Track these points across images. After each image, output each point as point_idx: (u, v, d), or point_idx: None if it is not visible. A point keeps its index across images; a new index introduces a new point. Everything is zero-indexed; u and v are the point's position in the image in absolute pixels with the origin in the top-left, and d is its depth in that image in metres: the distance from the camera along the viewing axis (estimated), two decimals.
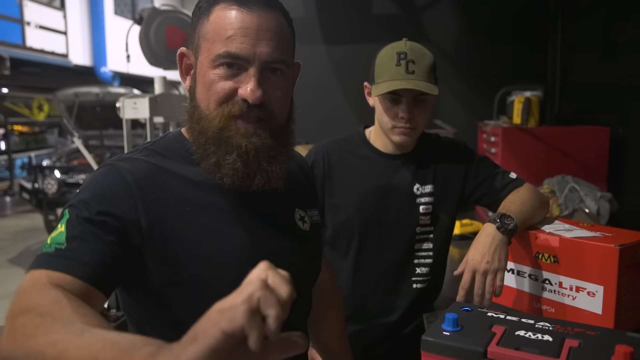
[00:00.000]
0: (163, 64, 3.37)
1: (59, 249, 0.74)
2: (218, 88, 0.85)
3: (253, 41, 0.83)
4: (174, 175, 0.88)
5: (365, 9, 3.72)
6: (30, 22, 8.84)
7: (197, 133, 0.88)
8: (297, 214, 1.00)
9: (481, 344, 0.79)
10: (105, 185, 0.83)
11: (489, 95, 3.34)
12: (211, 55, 0.85)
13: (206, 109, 0.87)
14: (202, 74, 0.87)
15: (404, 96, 1.34)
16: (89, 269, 0.74)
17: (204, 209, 0.87)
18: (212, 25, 0.85)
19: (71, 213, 0.79)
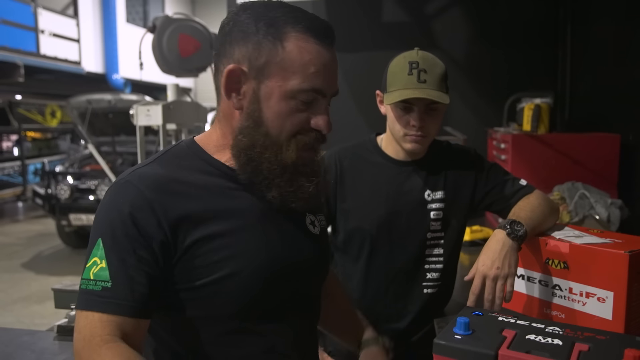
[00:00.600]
0: (175, 71, 3.42)
1: (106, 288, 0.81)
2: (295, 119, 0.89)
3: (331, 78, 0.90)
4: (189, 183, 0.90)
5: (375, 16, 3.75)
6: (44, 30, 8.97)
7: (267, 161, 0.89)
8: (308, 218, 1.04)
9: (492, 347, 0.81)
10: (123, 203, 0.85)
11: (498, 102, 3.35)
12: (290, 86, 0.87)
13: (277, 137, 0.89)
14: (275, 102, 0.88)
15: (416, 105, 1.36)
16: (138, 306, 0.82)
17: (223, 215, 0.90)
18: (290, 55, 0.86)
19: (105, 243, 0.84)
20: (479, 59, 3.61)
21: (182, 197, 0.88)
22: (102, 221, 0.86)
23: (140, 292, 0.82)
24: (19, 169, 9.12)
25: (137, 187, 0.86)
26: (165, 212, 0.85)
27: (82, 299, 0.83)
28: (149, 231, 0.84)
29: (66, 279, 4.73)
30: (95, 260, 0.83)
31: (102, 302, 0.81)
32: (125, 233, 0.83)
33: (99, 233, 0.85)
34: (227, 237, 0.89)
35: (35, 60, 8.68)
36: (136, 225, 0.84)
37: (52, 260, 6.30)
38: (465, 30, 3.67)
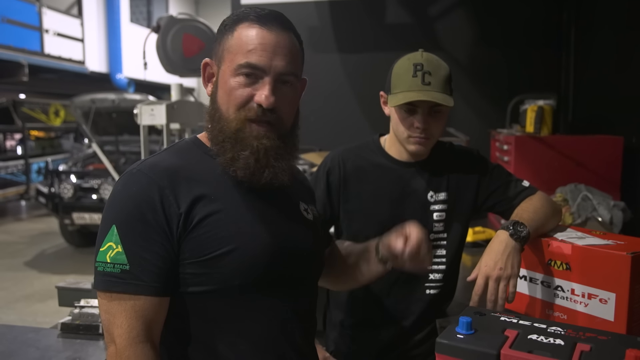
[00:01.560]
0: (179, 71, 3.43)
1: (125, 271, 0.89)
2: (237, 94, 0.97)
3: (270, 55, 0.96)
4: (193, 171, 0.99)
5: (379, 18, 3.75)
6: (48, 30, 9.00)
7: (217, 132, 1.00)
8: (302, 205, 1.13)
9: (494, 347, 0.81)
10: (136, 191, 0.93)
11: (501, 104, 3.35)
12: (233, 65, 0.97)
13: (226, 112, 0.99)
14: (224, 81, 0.99)
15: (420, 107, 1.37)
16: (156, 285, 0.90)
17: (223, 199, 0.98)
18: (235, 40, 0.98)
19: (120, 229, 0.91)
20: (482, 60, 3.62)
21: (190, 181, 0.96)
22: (116, 208, 0.93)
23: (156, 273, 0.90)
24: (23, 167, 9.14)
25: (148, 175, 0.94)
26: (175, 195, 0.93)
27: (102, 281, 0.90)
28: (161, 215, 0.91)
29: (69, 277, 4.75)
30: (110, 245, 0.90)
31: (123, 283, 0.89)
32: (139, 218, 0.91)
33: (112, 219, 0.92)
34: (232, 215, 0.96)
35: (40, 60, 8.71)
36: (150, 210, 0.91)
37: (55, 259, 6.32)
38: (469, 32, 3.68)
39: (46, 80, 10.40)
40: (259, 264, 0.96)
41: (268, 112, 0.97)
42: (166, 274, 0.92)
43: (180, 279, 0.94)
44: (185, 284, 0.95)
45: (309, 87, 1.12)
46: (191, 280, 0.94)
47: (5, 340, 1.41)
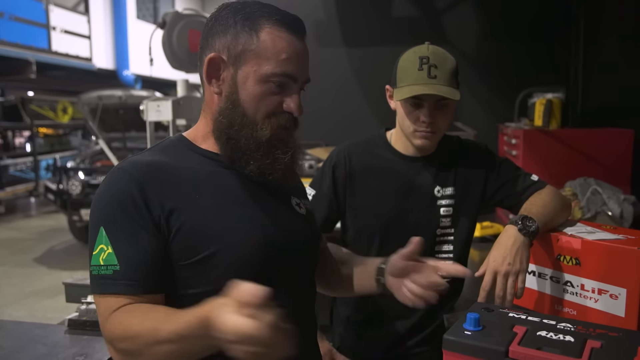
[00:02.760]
0: (185, 67, 3.43)
1: (117, 271, 0.88)
2: (269, 101, 0.97)
3: (301, 65, 0.99)
4: (178, 168, 0.98)
5: (385, 11, 3.73)
6: (55, 27, 9.04)
7: (244, 138, 0.98)
8: (293, 200, 1.12)
9: (503, 344, 0.80)
10: (117, 189, 0.92)
11: (509, 97, 3.32)
12: (264, 70, 0.95)
13: (253, 117, 0.98)
14: (250, 85, 0.96)
15: (426, 100, 1.35)
16: (148, 282, 0.89)
17: (210, 197, 0.97)
18: (264, 43, 0.95)
19: (107, 230, 0.90)
20: (489, 53, 3.58)
21: (173, 180, 0.95)
22: (100, 210, 0.93)
23: (147, 269, 0.89)
24: (31, 164, 9.20)
25: (129, 172, 0.93)
26: (156, 193, 0.92)
27: (97, 284, 0.89)
28: (144, 210, 0.90)
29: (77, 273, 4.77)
30: (101, 247, 0.89)
31: (116, 284, 0.88)
32: (123, 217, 0.90)
33: (99, 222, 0.91)
34: (218, 214, 0.95)
35: (47, 57, 8.76)
36: (133, 207, 0.90)
37: (63, 255, 6.36)
38: (476, 24, 3.65)
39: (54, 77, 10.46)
40: (249, 262, 0.95)
41: (297, 120, 1.01)
42: (158, 270, 0.90)
43: (178, 281, 0.94)
44: (183, 286, 0.94)
45: (314, 81, 1.11)
46: (187, 282, 0.94)
47: (13, 336, 1.42)
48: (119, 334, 0.84)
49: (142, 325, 0.82)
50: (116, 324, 0.85)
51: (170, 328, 0.79)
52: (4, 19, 7.79)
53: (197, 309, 0.78)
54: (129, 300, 0.88)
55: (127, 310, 0.86)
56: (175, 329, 0.79)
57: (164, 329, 0.80)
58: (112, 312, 0.87)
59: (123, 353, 0.85)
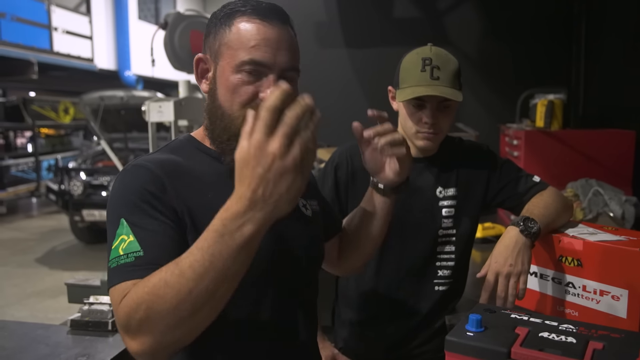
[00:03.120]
0: (187, 68, 3.43)
1: (139, 257, 0.83)
2: (242, 91, 0.94)
3: (274, 51, 0.94)
4: (190, 168, 0.98)
5: (387, 12, 3.73)
6: (57, 28, 9.06)
7: (220, 130, 0.98)
8: (300, 202, 1.10)
9: (505, 345, 0.80)
10: (135, 182, 0.92)
11: (511, 98, 3.32)
12: (235, 61, 0.94)
13: (229, 109, 0.96)
14: (225, 78, 0.95)
15: (428, 102, 1.35)
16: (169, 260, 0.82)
17: (218, 198, 0.93)
18: (234, 35, 0.94)
19: (129, 220, 0.87)
20: (491, 54, 3.58)
21: (187, 178, 0.95)
22: (120, 201, 0.91)
23: (172, 254, 0.82)
24: (33, 165, 9.22)
25: (149, 167, 0.93)
26: (174, 188, 0.92)
27: (116, 275, 0.83)
28: (166, 201, 0.90)
29: (79, 273, 4.79)
30: (122, 237, 0.86)
31: (139, 269, 0.82)
32: (142, 207, 0.88)
33: (118, 213, 0.89)
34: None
35: (49, 58, 8.77)
36: (155, 197, 0.89)
37: (65, 256, 6.37)
38: (477, 25, 3.65)
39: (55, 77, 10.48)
40: (255, 262, 0.92)
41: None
42: (181, 249, 0.81)
43: None
44: None
45: (316, 82, 1.11)
46: None
47: (15, 336, 1.42)
48: (133, 302, 0.77)
49: (159, 273, 0.77)
50: (128, 297, 0.78)
51: (189, 253, 0.75)
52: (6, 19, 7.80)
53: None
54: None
55: (136, 284, 0.80)
56: (194, 247, 0.75)
57: (183, 258, 0.75)
58: (124, 295, 0.80)
59: (142, 323, 0.76)
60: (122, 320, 0.79)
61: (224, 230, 0.74)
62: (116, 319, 0.82)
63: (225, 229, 0.74)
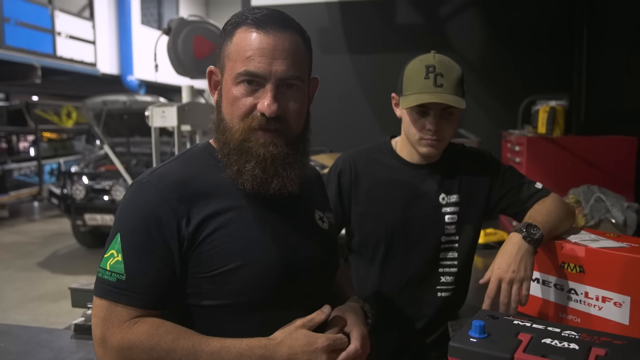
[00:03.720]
0: (190, 73, 3.44)
1: (121, 281, 0.88)
2: (240, 104, 0.94)
3: (269, 60, 0.92)
4: (204, 181, 0.97)
5: (389, 19, 3.75)
6: (60, 32, 9.09)
7: (222, 144, 0.98)
8: (317, 214, 1.10)
9: (508, 351, 0.81)
10: (143, 202, 0.92)
11: (513, 105, 3.33)
12: (233, 73, 0.94)
13: (230, 122, 0.96)
14: (227, 90, 0.96)
15: (432, 109, 1.36)
16: (149, 299, 0.90)
17: (233, 211, 0.96)
18: (234, 46, 0.95)
19: (123, 238, 0.90)
20: (492, 61, 3.60)
21: (199, 195, 0.94)
22: (122, 217, 0.93)
23: (152, 287, 0.89)
24: (35, 169, 9.23)
25: (157, 187, 0.93)
26: (184, 209, 0.91)
27: (99, 287, 0.91)
28: (167, 229, 0.90)
29: (81, 278, 4.79)
30: (112, 252, 0.90)
31: (116, 292, 0.89)
32: (143, 231, 0.90)
33: (118, 228, 0.92)
34: (241, 229, 0.94)
35: (52, 62, 8.80)
36: (155, 224, 0.90)
37: (67, 260, 6.37)
38: (479, 32, 3.66)
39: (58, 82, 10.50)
40: (267, 279, 0.95)
41: (272, 121, 0.93)
42: (162, 289, 0.91)
43: (192, 292, 0.94)
44: (197, 296, 0.94)
45: (318, 87, 1.10)
46: (203, 293, 0.94)
47: (20, 340, 1.42)
48: (145, 345, 0.86)
49: (178, 342, 0.86)
50: (142, 334, 0.86)
51: (212, 349, 0.85)
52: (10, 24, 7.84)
53: (242, 340, 0.87)
54: (137, 313, 0.88)
55: (154, 324, 0.87)
56: (217, 351, 0.85)
57: (205, 350, 0.85)
58: (125, 321, 0.87)
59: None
60: (118, 344, 0.87)
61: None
62: (104, 332, 0.88)
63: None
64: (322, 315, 0.92)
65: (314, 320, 0.91)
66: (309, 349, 0.87)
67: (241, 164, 0.94)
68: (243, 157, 0.94)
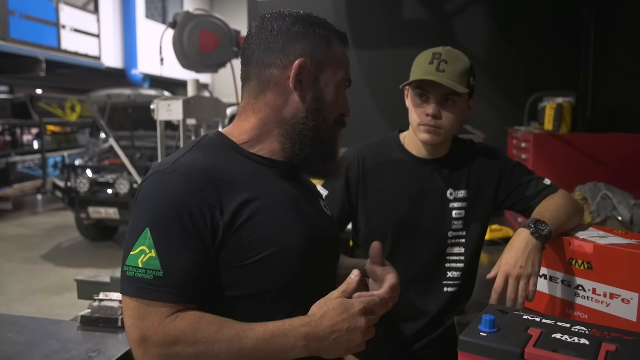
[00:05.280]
0: (196, 67, 3.44)
1: (158, 277, 0.87)
2: (338, 105, 1.05)
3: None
4: (227, 171, 0.96)
5: (395, 14, 3.73)
6: (65, 25, 9.09)
7: (322, 140, 1.03)
8: (321, 203, 1.16)
9: (518, 345, 0.81)
10: (172, 192, 0.90)
11: (518, 101, 3.32)
12: (339, 77, 1.04)
13: (329, 120, 1.04)
14: (330, 90, 1.03)
15: (432, 94, 1.37)
16: (189, 293, 0.89)
17: (261, 198, 0.96)
18: (337, 54, 1.04)
19: (154, 232, 0.88)
20: (499, 57, 3.58)
21: (228, 183, 0.94)
22: (149, 210, 0.90)
23: (189, 281, 0.88)
24: (39, 162, 9.24)
25: (185, 177, 0.91)
26: (214, 198, 0.91)
27: (132, 287, 0.87)
28: (200, 221, 0.89)
29: (85, 270, 4.81)
30: (142, 249, 0.87)
31: (155, 290, 0.86)
32: (176, 224, 0.88)
33: (144, 222, 0.89)
34: (272, 217, 0.95)
35: (56, 55, 8.79)
36: (188, 216, 0.88)
37: (70, 252, 6.39)
38: (485, 28, 3.65)
39: (63, 75, 10.49)
40: (296, 264, 0.97)
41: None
42: (198, 282, 0.90)
43: (222, 283, 0.93)
44: (228, 288, 0.93)
45: None
46: (234, 284, 0.93)
47: (27, 331, 1.43)
48: (190, 339, 0.85)
49: (222, 332, 0.86)
50: (185, 328, 0.85)
51: (257, 335, 0.86)
52: (15, 16, 7.83)
53: (284, 320, 0.89)
54: (177, 308, 0.87)
55: (195, 317, 0.87)
56: (262, 335, 0.86)
57: (249, 336, 0.86)
58: (165, 317, 0.86)
59: (180, 358, 0.85)
60: (160, 340, 0.85)
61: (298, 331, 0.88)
62: (143, 330, 0.86)
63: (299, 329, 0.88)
64: (353, 283, 0.94)
65: (349, 287, 0.93)
66: (347, 315, 0.89)
67: (337, 156, 1.08)
68: (337, 151, 1.07)
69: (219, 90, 13.91)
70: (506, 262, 1.19)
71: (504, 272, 1.18)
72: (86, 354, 1.32)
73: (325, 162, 1.05)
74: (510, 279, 1.17)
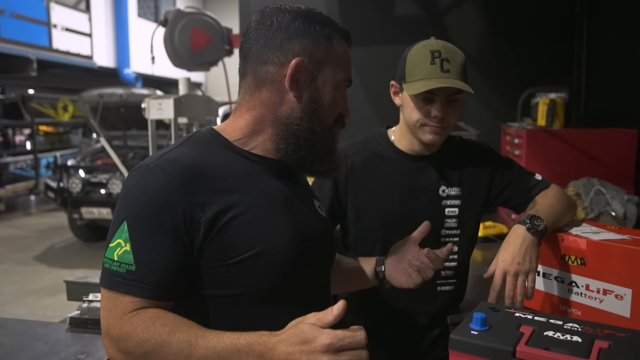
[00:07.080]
0: (187, 65, 3.41)
1: (130, 272, 0.85)
2: (336, 106, 1.03)
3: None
4: (216, 167, 0.94)
5: (387, 10, 3.71)
6: (56, 25, 9.03)
7: (318, 140, 1.00)
8: (316, 203, 1.13)
9: (510, 344, 0.79)
10: (152, 187, 0.88)
11: (512, 97, 3.31)
12: (338, 77, 1.01)
13: (328, 121, 1.02)
14: (328, 90, 1.01)
15: (438, 95, 1.32)
16: (160, 290, 0.87)
17: (248, 197, 0.94)
18: (338, 53, 1.01)
19: (130, 226, 0.86)
20: (492, 53, 3.57)
21: (213, 179, 0.92)
22: (128, 203, 0.89)
23: (163, 277, 0.86)
24: (32, 162, 9.19)
25: (168, 172, 0.89)
26: (196, 195, 0.88)
27: (107, 279, 0.88)
28: (179, 217, 0.87)
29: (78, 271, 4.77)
30: (119, 242, 0.86)
31: (126, 284, 0.85)
32: (153, 218, 0.86)
33: (124, 215, 0.88)
34: (258, 216, 0.93)
35: (48, 55, 8.74)
36: (166, 211, 0.86)
37: (64, 253, 6.35)
38: (479, 24, 3.63)
39: (54, 75, 10.44)
40: (285, 265, 0.94)
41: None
42: (172, 279, 0.88)
43: (204, 281, 0.92)
44: (208, 286, 0.92)
45: None
46: (218, 282, 0.92)
47: (15, 334, 1.41)
48: (140, 337, 0.83)
49: (174, 335, 0.82)
50: (139, 326, 0.83)
51: (208, 344, 0.80)
52: (5, 16, 7.77)
53: (242, 335, 0.81)
54: (144, 304, 0.86)
55: (152, 315, 0.84)
56: (213, 346, 0.80)
57: (201, 344, 0.81)
58: (128, 312, 0.85)
59: (131, 355, 0.84)
60: (116, 334, 0.85)
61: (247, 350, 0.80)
62: (108, 324, 0.86)
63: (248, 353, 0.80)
64: (330, 316, 0.78)
65: (325, 318, 0.78)
66: (307, 348, 0.76)
67: (337, 156, 1.07)
68: (334, 151, 1.06)
69: (213, 89, 13.87)
70: (503, 259, 1.17)
71: (502, 270, 1.16)
72: (75, 356, 1.30)
73: (321, 162, 1.03)
74: (508, 277, 1.15)
